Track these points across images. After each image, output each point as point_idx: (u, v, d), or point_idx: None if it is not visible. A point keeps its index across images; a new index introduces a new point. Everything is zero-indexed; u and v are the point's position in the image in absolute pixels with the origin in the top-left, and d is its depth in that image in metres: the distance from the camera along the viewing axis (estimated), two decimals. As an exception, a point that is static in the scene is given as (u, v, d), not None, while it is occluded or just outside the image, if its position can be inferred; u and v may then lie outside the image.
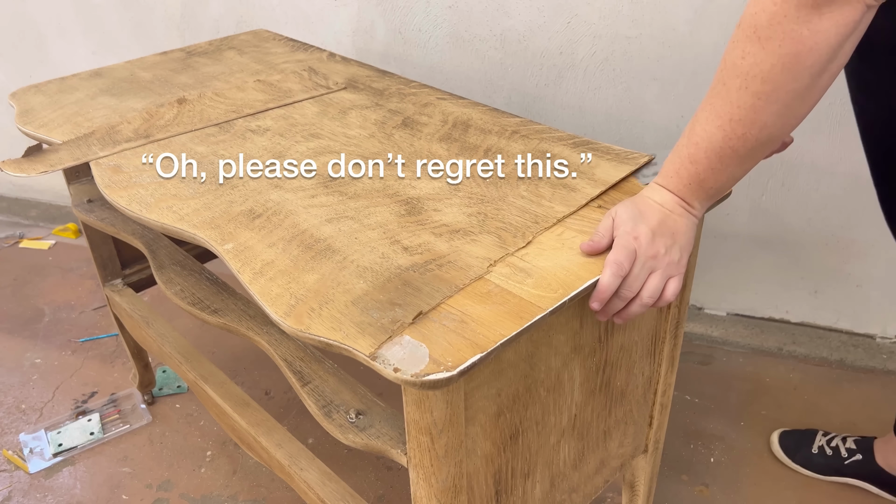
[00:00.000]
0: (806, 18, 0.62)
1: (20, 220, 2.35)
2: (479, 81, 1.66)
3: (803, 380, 1.66)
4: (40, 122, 1.14)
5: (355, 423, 0.80)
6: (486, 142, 1.02)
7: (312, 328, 0.67)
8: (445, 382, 0.62)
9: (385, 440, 0.78)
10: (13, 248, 2.23)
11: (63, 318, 1.92)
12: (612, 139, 1.64)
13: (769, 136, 0.70)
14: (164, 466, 1.49)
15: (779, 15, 0.63)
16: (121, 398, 1.64)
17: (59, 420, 1.58)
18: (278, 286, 0.73)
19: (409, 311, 0.69)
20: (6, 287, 2.04)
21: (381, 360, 0.64)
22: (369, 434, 0.79)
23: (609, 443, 1.01)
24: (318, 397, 0.84)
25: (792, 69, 0.64)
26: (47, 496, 1.43)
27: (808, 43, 0.63)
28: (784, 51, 0.64)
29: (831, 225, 1.61)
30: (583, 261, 0.77)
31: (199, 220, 0.86)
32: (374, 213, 0.86)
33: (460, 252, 0.78)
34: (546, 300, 0.71)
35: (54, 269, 2.13)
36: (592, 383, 0.90)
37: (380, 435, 0.79)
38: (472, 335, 0.67)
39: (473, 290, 0.73)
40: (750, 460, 1.47)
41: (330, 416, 0.82)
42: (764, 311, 1.78)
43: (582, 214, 0.85)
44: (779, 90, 0.66)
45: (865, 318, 1.69)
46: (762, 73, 0.65)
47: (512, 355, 0.75)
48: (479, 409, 0.74)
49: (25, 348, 1.81)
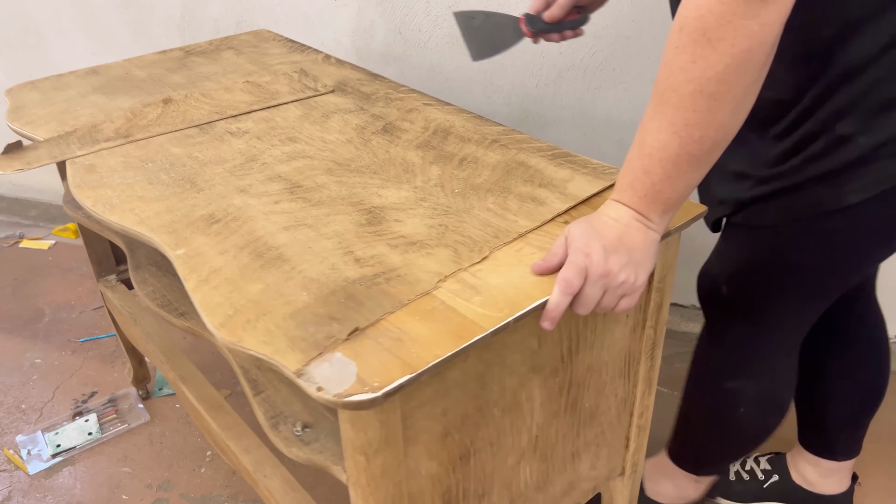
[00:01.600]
0: (755, 13, 0.62)
1: (20, 220, 2.36)
2: (479, 81, 1.65)
3: None
4: (28, 118, 1.15)
5: (300, 437, 0.79)
6: (464, 150, 1.00)
7: (245, 341, 0.66)
8: (369, 404, 0.60)
9: (328, 456, 0.77)
10: (13, 248, 2.24)
11: (63, 318, 1.93)
12: (611, 140, 1.61)
13: (724, 135, 0.69)
14: (164, 466, 1.49)
15: (728, 14, 0.62)
16: (118, 398, 1.65)
17: (56, 421, 1.59)
18: (220, 295, 0.72)
19: (346, 326, 0.67)
20: (6, 287, 2.06)
21: (306, 377, 0.62)
22: (313, 449, 0.78)
23: (578, 465, 0.98)
24: (268, 407, 0.83)
25: (745, 66, 0.64)
26: (47, 496, 1.44)
27: (758, 38, 0.63)
28: (737, 49, 0.63)
29: None
30: (536, 279, 0.74)
31: (158, 223, 0.85)
32: (334, 221, 0.84)
33: (412, 266, 0.76)
34: (490, 320, 0.69)
35: (54, 269, 2.13)
36: (556, 404, 0.87)
37: (323, 450, 0.77)
38: (405, 354, 0.64)
39: (417, 307, 0.70)
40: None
41: (277, 427, 0.80)
42: None
43: (546, 230, 0.83)
44: (733, 88, 0.65)
45: None
46: (717, 74, 0.64)
47: (459, 375, 0.72)
48: (421, 429, 0.72)
49: (25, 348, 1.83)
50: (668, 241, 0.87)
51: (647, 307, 0.92)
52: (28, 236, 2.28)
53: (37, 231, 2.31)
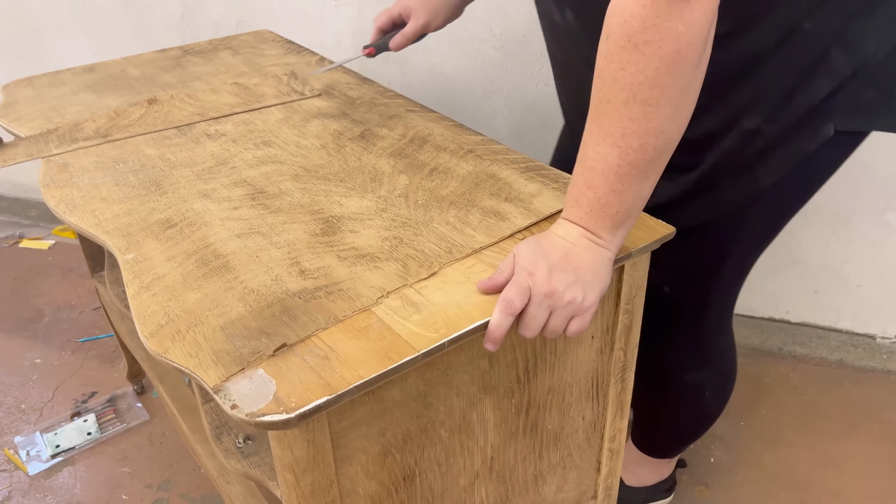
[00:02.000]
0: (679, 13, 0.60)
1: (20, 220, 2.36)
2: (479, 81, 1.63)
3: (803, 380, 1.66)
4: (16, 115, 1.16)
5: (241, 449, 0.77)
6: (437, 160, 0.98)
7: (170, 352, 0.65)
8: (282, 425, 0.59)
9: (265, 470, 0.75)
10: (13, 248, 2.25)
11: (63, 318, 1.93)
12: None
13: (665, 142, 0.66)
14: (163, 466, 1.49)
15: (651, 17, 0.60)
16: (117, 397, 1.66)
17: (54, 422, 1.60)
18: (157, 303, 0.71)
19: (274, 341, 0.66)
20: (6, 287, 2.06)
21: (223, 394, 0.61)
22: (251, 462, 0.76)
23: (543, 487, 0.95)
24: (214, 417, 0.82)
25: (675, 68, 0.62)
26: (47, 496, 1.45)
27: (685, 38, 0.61)
28: (664, 51, 0.61)
29: (831, 225, 1.59)
30: (480, 299, 0.72)
31: (114, 226, 0.84)
32: (288, 230, 0.83)
33: (357, 279, 0.74)
34: (424, 340, 0.66)
35: (54, 269, 2.14)
36: (512, 425, 0.85)
37: (262, 464, 0.76)
38: (328, 374, 0.62)
39: (352, 324, 0.68)
40: (750, 460, 1.46)
41: (220, 438, 0.79)
42: (764, 311, 1.76)
43: (502, 247, 0.80)
44: (666, 92, 0.63)
45: (865, 318, 1.69)
46: (647, 79, 0.62)
47: (398, 394, 0.70)
48: (356, 448, 0.70)
49: (25, 348, 1.83)
50: (635, 262, 0.83)
51: (615, 329, 0.88)
52: (28, 236, 2.28)
53: (37, 231, 2.32)
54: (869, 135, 0.90)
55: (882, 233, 1.56)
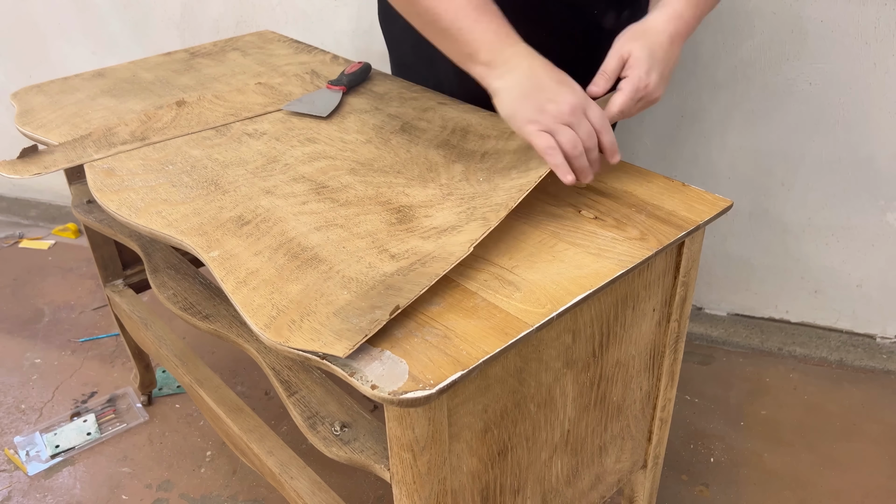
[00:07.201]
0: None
1: (20, 220, 2.34)
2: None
3: (803, 380, 1.67)
4: (39, 122, 1.14)
5: (339, 436, 0.79)
6: (485, 146, 1.00)
7: (292, 341, 0.66)
8: (424, 401, 0.61)
9: (369, 454, 0.77)
10: (13, 248, 2.23)
11: (63, 318, 1.91)
12: (615, 134, 1.62)
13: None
14: (163, 466, 1.48)
15: None
16: (116, 397, 1.64)
17: (54, 422, 1.58)
18: (261, 296, 0.72)
19: (387, 309, 0.67)
20: (6, 287, 2.04)
21: (358, 376, 0.62)
22: (353, 448, 0.78)
23: (605, 458, 0.99)
24: (303, 408, 0.83)
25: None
26: (47, 496, 1.43)
27: None
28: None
29: (831, 225, 1.61)
30: (573, 274, 0.75)
31: (187, 225, 0.84)
32: (365, 221, 0.84)
33: (445, 245, 0.77)
34: (533, 315, 0.69)
35: (54, 269, 2.12)
36: (586, 398, 0.88)
37: (364, 449, 0.77)
38: (454, 351, 0.65)
39: (459, 305, 0.71)
40: (750, 460, 1.47)
41: (315, 427, 0.80)
42: (764, 311, 1.78)
43: (577, 226, 0.83)
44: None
45: (865, 318, 1.70)
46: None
47: (499, 371, 0.73)
48: (464, 425, 0.72)
49: (25, 348, 1.81)
50: (693, 236, 0.88)
51: (672, 301, 0.93)
52: (28, 236, 2.27)
53: (37, 231, 2.30)
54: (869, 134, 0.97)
55: (882, 233, 1.57)
